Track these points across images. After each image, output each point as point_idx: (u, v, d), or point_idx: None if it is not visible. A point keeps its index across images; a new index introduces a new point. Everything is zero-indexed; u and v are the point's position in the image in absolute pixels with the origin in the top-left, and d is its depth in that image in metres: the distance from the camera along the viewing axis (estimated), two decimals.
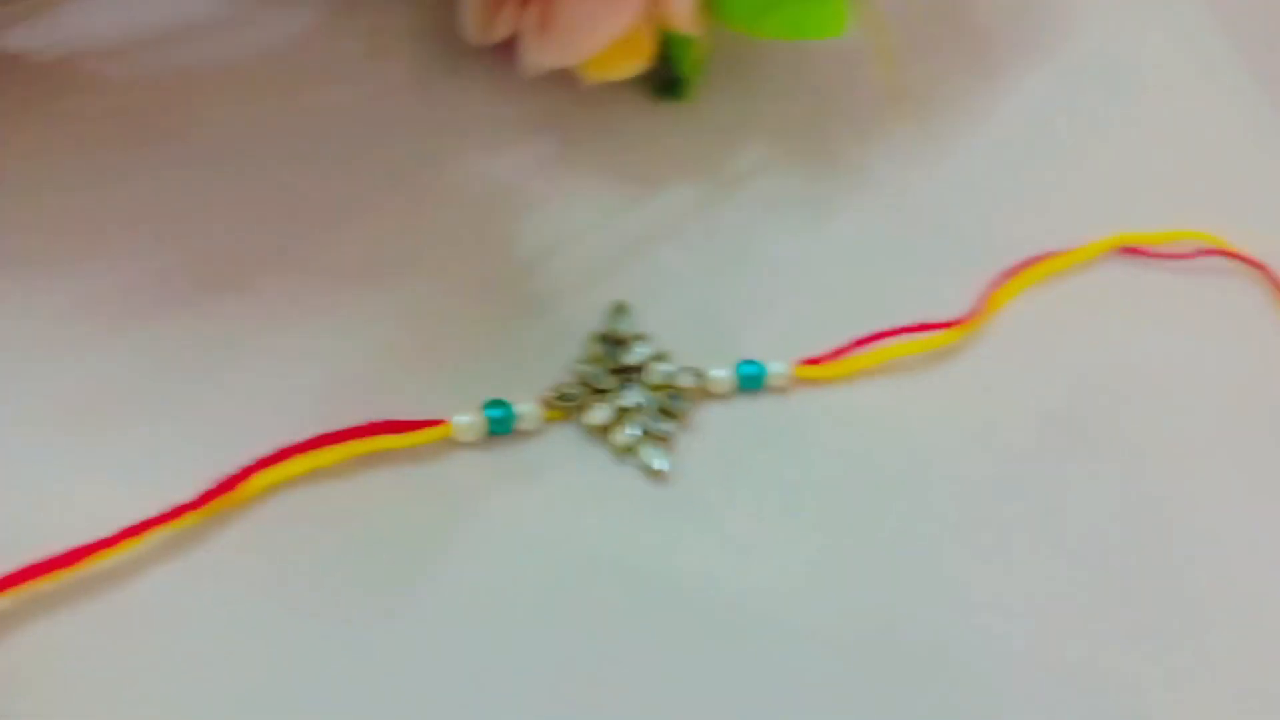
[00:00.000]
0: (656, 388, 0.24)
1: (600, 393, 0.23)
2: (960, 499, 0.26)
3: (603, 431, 0.23)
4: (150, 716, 0.18)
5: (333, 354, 0.21)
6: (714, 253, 0.26)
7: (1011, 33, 0.33)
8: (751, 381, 0.25)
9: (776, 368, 0.25)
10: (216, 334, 0.21)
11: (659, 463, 0.23)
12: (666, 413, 0.24)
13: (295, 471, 0.20)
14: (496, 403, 0.22)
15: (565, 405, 0.23)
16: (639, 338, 0.24)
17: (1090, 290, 0.31)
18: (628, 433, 0.23)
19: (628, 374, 0.24)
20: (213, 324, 0.21)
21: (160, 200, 0.21)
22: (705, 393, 0.24)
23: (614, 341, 0.24)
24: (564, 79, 0.25)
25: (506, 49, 0.25)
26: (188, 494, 0.19)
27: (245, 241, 0.22)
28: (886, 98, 0.26)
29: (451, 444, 0.22)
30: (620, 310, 0.24)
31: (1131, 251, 0.32)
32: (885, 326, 0.26)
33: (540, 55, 0.24)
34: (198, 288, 0.21)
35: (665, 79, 0.27)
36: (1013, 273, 0.30)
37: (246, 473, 0.20)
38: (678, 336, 0.25)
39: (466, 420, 0.22)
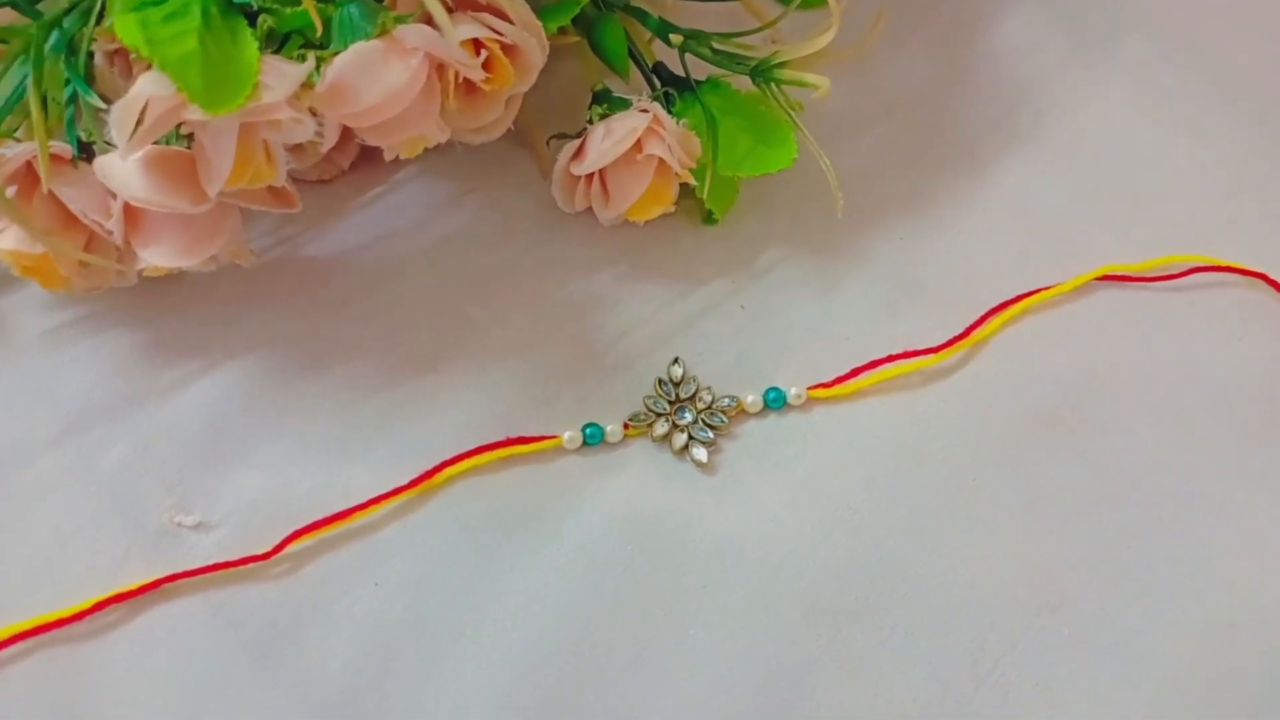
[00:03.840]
0: (702, 410, 0.36)
1: (662, 416, 0.36)
2: (952, 480, 0.35)
3: (664, 439, 0.36)
4: (392, 615, 0.31)
5: (487, 399, 0.35)
6: (746, 321, 0.39)
7: (995, 130, 0.45)
8: (775, 402, 0.36)
9: (794, 391, 0.37)
10: (419, 392, 0.35)
11: (702, 457, 0.35)
12: (710, 426, 0.36)
13: (467, 468, 0.34)
14: (590, 424, 0.35)
15: (638, 424, 0.36)
16: (690, 379, 0.37)
17: (1079, 314, 0.41)
18: (680, 440, 0.35)
19: (682, 403, 0.36)
20: (416, 387, 0.35)
21: (385, 322, 0.37)
22: (743, 412, 0.36)
23: (672, 383, 0.37)
24: (632, 224, 0.40)
25: (590, 212, 0.40)
26: (406, 479, 0.33)
27: (434, 340, 0.37)
28: (835, 197, 0.38)
29: (562, 451, 0.35)
30: (675, 362, 0.37)
31: (1117, 279, 0.40)
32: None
33: (606, 211, 0.38)
34: (407, 366, 0.36)
35: (706, 212, 0.40)
36: (1000, 308, 0.39)
37: (439, 468, 0.34)
38: (722, 377, 0.37)
39: (569, 435, 0.35)
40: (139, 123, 0.28)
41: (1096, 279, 0.40)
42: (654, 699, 0.31)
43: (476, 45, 0.33)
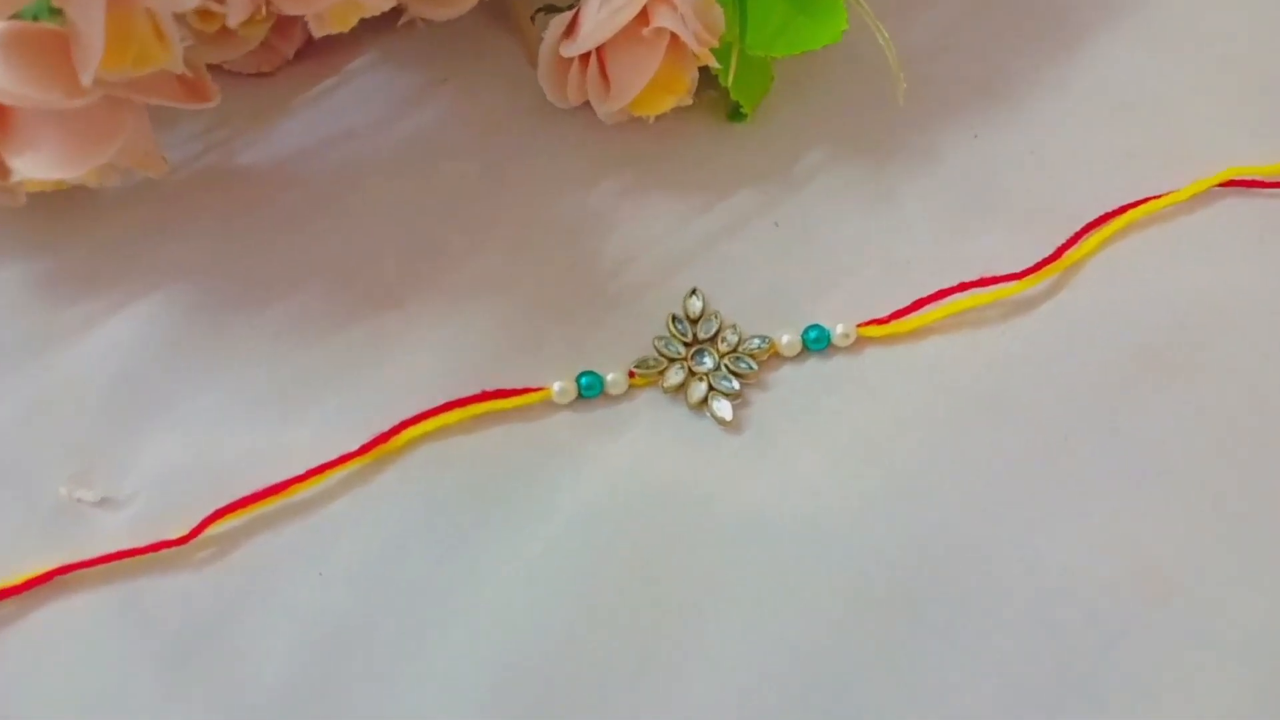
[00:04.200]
0: (726, 353, 0.29)
1: (676, 361, 0.29)
2: (1037, 440, 0.29)
3: (679, 390, 0.29)
4: (339, 610, 0.26)
5: (460, 343, 0.29)
6: (780, 242, 0.32)
7: (1084, 5, 0.37)
8: (817, 343, 0.30)
9: (841, 329, 0.30)
10: (378, 334, 0.29)
11: (725, 412, 0.29)
12: (736, 374, 0.29)
13: (433, 428, 0.28)
14: (586, 373, 0.29)
15: (646, 372, 0.29)
16: (712, 314, 0.30)
17: (1196, 229, 0.34)
18: (698, 391, 0.29)
19: (701, 345, 0.30)
20: (374, 327, 0.29)
21: (338, 246, 0.31)
22: (777, 356, 0.30)
23: (689, 320, 0.30)
24: (640, 121, 0.33)
25: (588, 106, 0.33)
26: (358, 443, 0.27)
27: (398, 269, 0.31)
28: (895, 80, 0.31)
29: (552, 407, 0.29)
30: (693, 294, 0.30)
31: (1245, 184, 0.33)
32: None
33: (605, 105, 0.31)
34: (365, 301, 0.30)
35: (731, 105, 0.33)
36: (1098, 222, 0.32)
37: (398, 428, 0.28)
38: (750, 313, 0.31)
39: (560, 386, 0.29)
40: None
41: (1219, 185, 0.33)
42: (664, 711, 0.26)
43: None
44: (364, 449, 0.27)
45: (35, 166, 0.25)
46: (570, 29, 0.30)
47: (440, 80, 0.34)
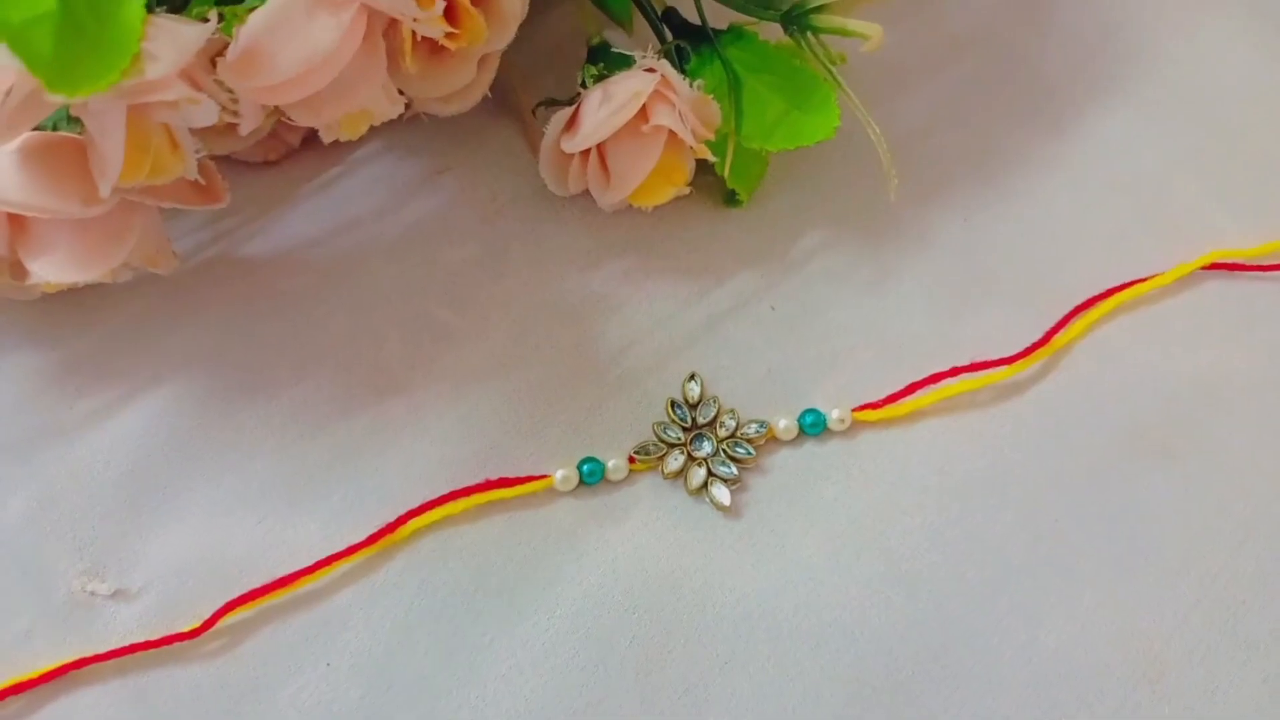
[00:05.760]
0: (724, 439, 0.30)
1: (675, 446, 0.30)
2: (1030, 523, 0.30)
3: (678, 476, 0.30)
4: (347, 702, 0.27)
5: (463, 429, 0.30)
6: (777, 324, 0.33)
7: (1074, 82, 0.39)
8: (814, 428, 0.31)
9: (836, 414, 0.31)
10: (382, 421, 0.30)
11: (723, 498, 0.30)
12: (734, 459, 0.30)
13: (438, 518, 0.29)
14: (588, 459, 0.30)
15: (646, 458, 0.30)
16: (711, 399, 0.31)
17: (1183, 311, 0.35)
18: (698, 476, 0.30)
19: (700, 430, 0.31)
20: (378, 414, 0.30)
21: (343, 332, 0.32)
22: (775, 440, 0.31)
23: (688, 405, 0.31)
24: (638, 210, 0.34)
25: (588, 195, 0.34)
26: (364, 534, 0.28)
27: (402, 354, 0.31)
28: (887, 173, 0.32)
29: (554, 494, 0.30)
30: (692, 379, 0.31)
31: (1230, 267, 0.34)
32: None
33: (606, 195, 0.32)
34: (369, 388, 0.31)
35: (727, 192, 0.35)
36: (1086, 305, 0.33)
37: (403, 519, 0.28)
38: (748, 397, 0.32)
39: (562, 474, 0.30)
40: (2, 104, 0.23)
41: (1204, 267, 0.34)
42: None
43: None
44: (370, 540, 0.28)
45: (52, 270, 0.26)
46: (571, 124, 0.31)
47: (441, 170, 0.35)
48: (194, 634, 0.27)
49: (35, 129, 0.26)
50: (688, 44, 0.33)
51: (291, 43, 0.23)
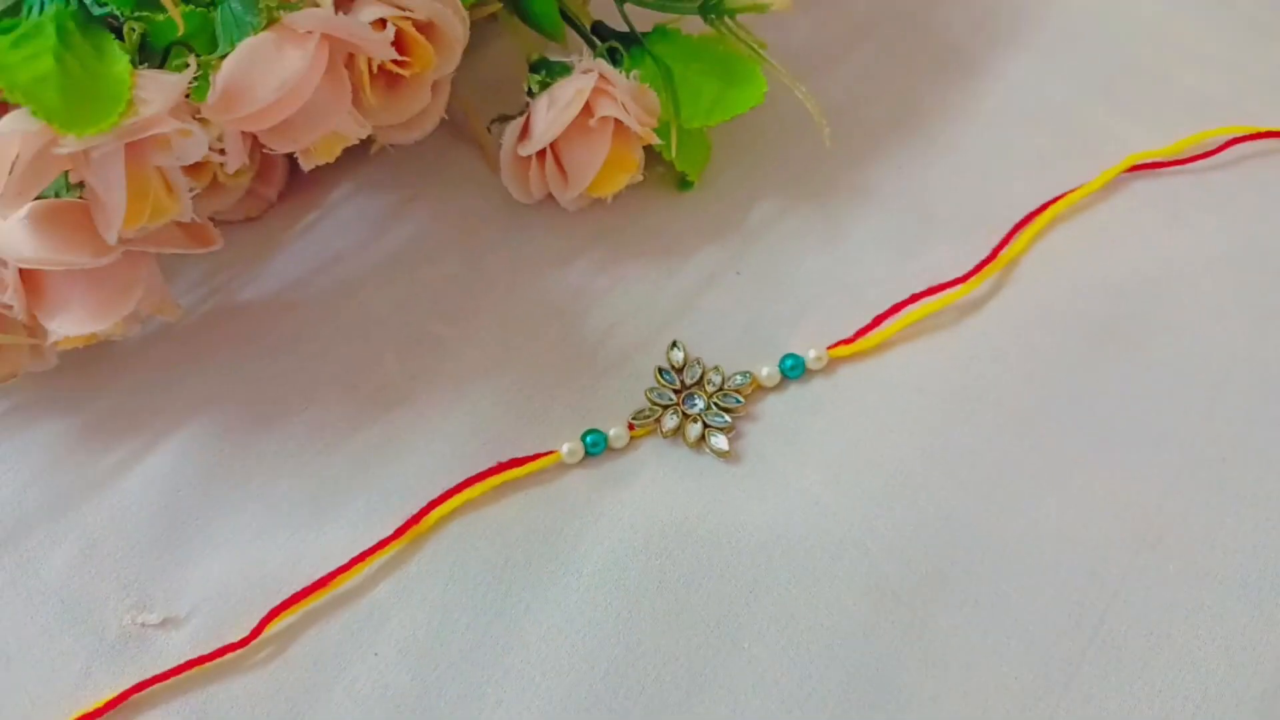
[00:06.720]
0: (713, 393, 0.33)
1: (669, 407, 0.33)
2: (1010, 422, 0.32)
3: (676, 433, 0.32)
4: (399, 686, 0.28)
5: (469, 426, 0.32)
6: (745, 287, 0.36)
7: (976, 39, 0.42)
8: (794, 370, 0.33)
9: (813, 354, 0.33)
10: (391, 430, 0.32)
11: (722, 445, 0.32)
12: (725, 409, 0.32)
13: (458, 505, 0.30)
14: (590, 431, 0.32)
15: (644, 422, 0.32)
16: (694, 361, 0.33)
17: (1114, 213, 0.38)
18: (694, 430, 0.32)
19: (689, 389, 0.33)
20: (387, 425, 0.32)
21: (342, 357, 0.34)
22: (760, 388, 0.33)
23: (674, 369, 0.33)
24: (599, 202, 0.36)
25: (552, 200, 0.37)
26: (390, 530, 0.30)
27: (400, 368, 0.33)
28: (819, 126, 0.35)
29: (563, 468, 0.32)
30: (674, 346, 0.34)
31: (1148, 167, 0.37)
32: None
33: (566, 193, 0.35)
34: (374, 403, 0.33)
35: (679, 176, 0.37)
36: (1025, 221, 0.36)
37: (425, 510, 0.30)
38: (729, 355, 0.34)
39: (569, 447, 0.32)
40: (11, 171, 0.25)
41: (1125, 171, 0.37)
42: None
43: (383, 27, 0.30)
44: (398, 533, 0.30)
45: (69, 324, 0.29)
46: (524, 131, 0.34)
47: (411, 197, 0.37)
48: (243, 644, 0.28)
49: (38, 198, 0.28)
50: (620, 46, 0.36)
51: (266, 74, 0.26)
